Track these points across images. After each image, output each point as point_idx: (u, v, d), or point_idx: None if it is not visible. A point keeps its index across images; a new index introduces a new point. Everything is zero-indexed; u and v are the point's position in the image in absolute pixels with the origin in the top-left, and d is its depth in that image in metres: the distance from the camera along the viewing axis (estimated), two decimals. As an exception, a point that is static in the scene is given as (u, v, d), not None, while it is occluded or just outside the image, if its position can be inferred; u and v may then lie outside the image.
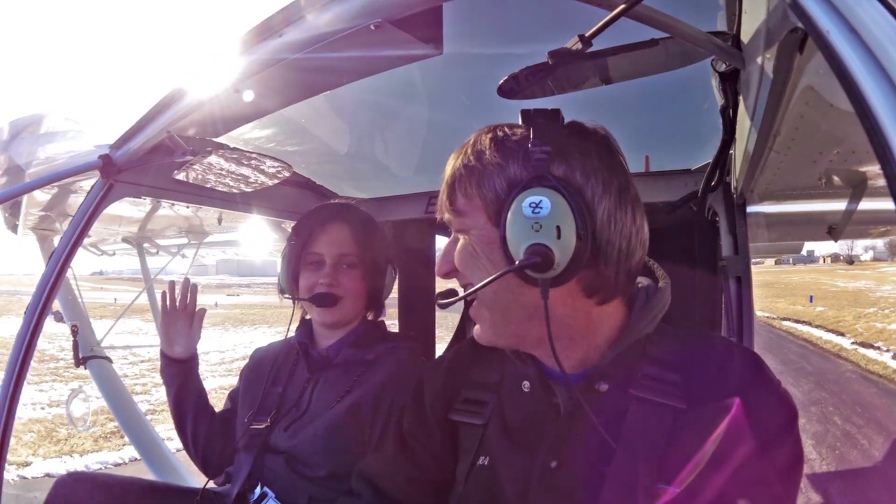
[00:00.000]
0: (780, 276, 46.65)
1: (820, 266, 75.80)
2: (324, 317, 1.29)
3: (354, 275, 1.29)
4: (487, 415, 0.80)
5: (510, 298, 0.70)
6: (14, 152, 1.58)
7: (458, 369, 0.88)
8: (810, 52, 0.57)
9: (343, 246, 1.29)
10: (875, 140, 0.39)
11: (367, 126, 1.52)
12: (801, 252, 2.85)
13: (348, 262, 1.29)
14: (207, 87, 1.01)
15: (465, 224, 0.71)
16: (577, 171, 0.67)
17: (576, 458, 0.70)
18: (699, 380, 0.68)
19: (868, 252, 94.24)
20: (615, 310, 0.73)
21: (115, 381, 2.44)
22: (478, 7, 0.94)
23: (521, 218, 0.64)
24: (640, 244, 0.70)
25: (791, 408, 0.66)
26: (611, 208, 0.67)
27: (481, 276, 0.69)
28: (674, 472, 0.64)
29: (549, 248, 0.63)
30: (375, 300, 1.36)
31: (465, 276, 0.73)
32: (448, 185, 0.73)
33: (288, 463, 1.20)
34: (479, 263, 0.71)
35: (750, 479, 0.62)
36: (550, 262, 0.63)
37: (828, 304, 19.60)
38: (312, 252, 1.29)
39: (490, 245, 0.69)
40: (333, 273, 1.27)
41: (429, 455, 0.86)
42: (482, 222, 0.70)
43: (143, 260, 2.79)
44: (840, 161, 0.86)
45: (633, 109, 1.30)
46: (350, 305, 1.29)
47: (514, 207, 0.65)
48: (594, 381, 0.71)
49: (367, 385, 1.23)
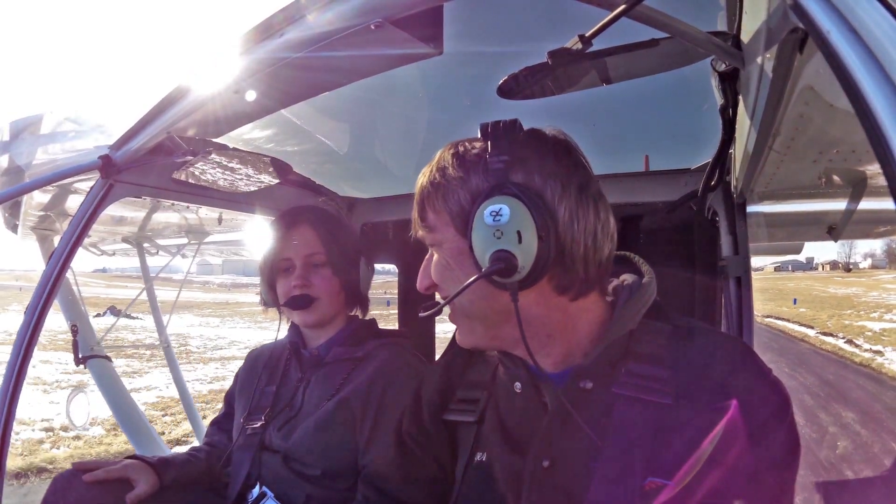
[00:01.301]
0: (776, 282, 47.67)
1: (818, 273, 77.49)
2: (303, 318, 1.30)
3: (325, 273, 1.30)
4: (480, 411, 0.82)
5: (484, 304, 0.72)
6: (14, 152, 1.58)
7: (453, 371, 0.89)
8: (810, 52, 0.57)
9: (309, 246, 1.29)
10: (875, 140, 0.39)
11: (367, 126, 1.52)
12: (801, 252, 2.85)
13: (317, 262, 1.30)
14: (207, 87, 1.01)
15: (436, 238, 0.74)
16: (535, 175, 0.68)
17: (566, 456, 0.70)
18: (686, 373, 0.68)
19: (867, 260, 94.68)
20: (594, 304, 0.74)
21: (115, 381, 2.44)
22: (478, 7, 0.94)
23: (484, 227, 0.66)
24: (607, 238, 0.72)
25: (783, 395, 0.66)
26: (572, 207, 0.68)
27: (456, 286, 0.71)
28: (664, 466, 0.64)
29: (511, 253, 0.65)
30: (354, 295, 1.37)
31: (443, 288, 0.76)
32: (418, 203, 0.76)
33: (284, 462, 1.21)
34: (453, 275, 0.73)
35: (743, 468, 0.62)
36: (514, 267, 0.65)
37: (811, 306, 22.59)
38: (282, 259, 1.30)
39: (460, 256, 0.71)
40: (304, 274, 1.28)
41: (429, 456, 0.88)
42: (451, 235, 0.72)
43: (143, 260, 2.79)
44: (840, 161, 0.87)
45: (633, 109, 1.30)
46: (327, 304, 1.29)
47: (477, 217, 0.67)
48: (579, 380, 0.71)
49: (356, 381, 1.23)
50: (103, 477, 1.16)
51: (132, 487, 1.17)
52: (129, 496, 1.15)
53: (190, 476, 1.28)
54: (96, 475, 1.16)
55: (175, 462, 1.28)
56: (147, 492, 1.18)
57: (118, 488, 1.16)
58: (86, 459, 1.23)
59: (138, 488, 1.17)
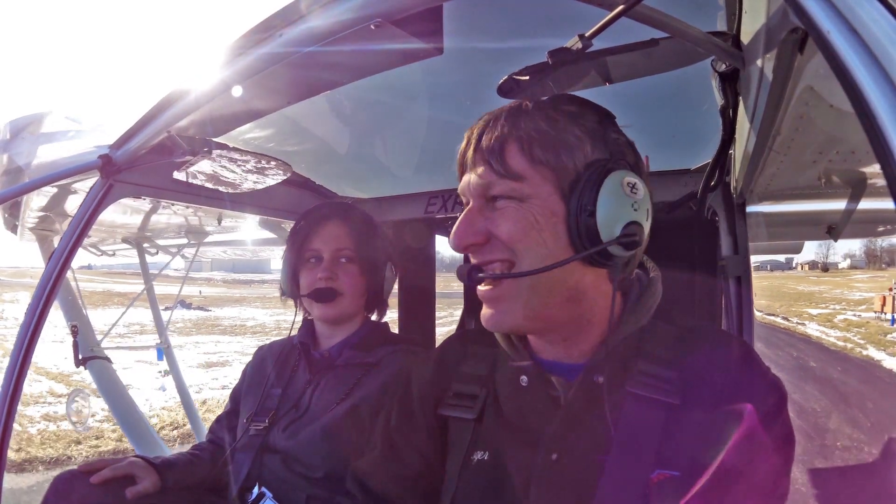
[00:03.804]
0: (749, 281, 50.60)
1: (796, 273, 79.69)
2: (324, 312, 1.29)
3: (352, 270, 1.29)
4: (479, 408, 0.80)
5: (560, 278, 0.67)
6: (14, 152, 1.58)
7: (447, 364, 0.87)
8: (810, 53, 0.57)
9: (340, 241, 1.30)
10: (875, 140, 0.39)
11: (366, 126, 1.52)
12: (801, 251, 2.85)
13: (346, 257, 1.30)
14: (207, 87, 1.00)
15: (524, 191, 0.66)
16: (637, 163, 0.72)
17: (575, 449, 0.70)
18: (691, 374, 0.69)
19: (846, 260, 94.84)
20: (619, 297, 0.74)
21: (115, 382, 2.44)
22: (478, 6, 0.94)
23: (621, 196, 0.65)
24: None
25: (781, 393, 0.67)
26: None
27: (538, 249, 0.66)
28: (672, 459, 0.65)
29: (642, 227, 0.66)
30: (376, 297, 1.36)
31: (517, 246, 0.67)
32: (498, 143, 0.67)
33: (285, 463, 1.20)
34: (540, 235, 0.66)
35: (744, 463, 0.63)
36: (638, 243, 0.66)
37: (772, 299, 25.94)
38: (310, 249, 1.30)
39: (554, 218, 0.66)
40: (331, 267, 1.28)
41: (414, 452, 0.86)
42: (547, 192, 0.66)
43: (143, 260, 2.79)
44: (840, 161, 0.87)
45: (633, 109, 1.29)
46: (349, 301, 1.29)
47: (612, 185, 0.65)
48: (593, 374, 0.71)
49: (367, 388, 1.22)
50: (110, 476, 1.16)
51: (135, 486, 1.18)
52: (129, 490, 1.16)
53: (192, 477, 1.28)
54: (103, 475, 1.16)
55: (178, 463, 1.28)
56: (148, 490, 1.18)
57: (120, 488, 1.16)
58: (91, 460, 1.23)
59: (140, 485, 1.17)
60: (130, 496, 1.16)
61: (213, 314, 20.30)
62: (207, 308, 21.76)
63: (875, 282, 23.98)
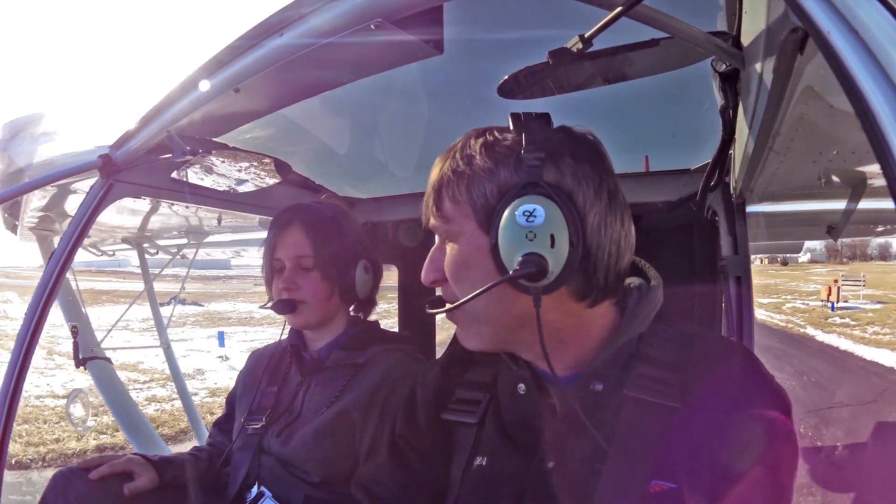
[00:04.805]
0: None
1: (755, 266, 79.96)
2: (291, 321, 1.28)
3: (313, 276, 1.25)
4: (481, 413, 0.80)
5: (500, 308, 0.69)
6: (14, 152, 1.58)
7: (452, 370, 0.87)
8: (810, 53, 0.56)
9: (298, 248, 1.25)
10: (875, 140, 0.39)
11: (366, 125, 1.52)
12: (800, 251, 2.85)
13: (305, 265, 1.26)
14: (207, 87, 1.00)
15: (453, 231, 0.70)
16: (568, 176, 0.66)
17: (572, 457, 0.70)
18: (693, 378, 0.68)
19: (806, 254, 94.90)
20: (606, 310, 0.73)
21: (115, 382, 2.44)
22: (478, 6, 0.94)
23: (515, 226, 0.63)
24: (628, 247, 0.70)
25: (785, 402, 0.66)
26: (601, 213, 0.66)
27: (471, 284, 0.68)
28: (670, 469, 0.64)
29: (543, 257, 0.62)
30: (349, 299, 1.32)
31: (455, 285, 0.71)
32: (434, 190, 0.71)
33: (282, 465, 1.20)
34: (470, 273, 0.69)
35: (745, 473, 0.62)
36: (544, 272, 0.62)
37: None
38: (275, 258, 1.27)
39: (480, 253, 0.68)
40: (291, 277, 1.25)
41: (419, 458, 0.86)
42: (471, 229, 0.68)
43: (142, 260, 2.79)
44: (840, 161, 0.87)
45: (633, 109, 1.30)
46: (313, 308, 1.26)
47: (507, 215, 0.63)
48: (589, 382, 0.71)
49: (357, 389, 1.21)
50: (108, 472, 1.16)
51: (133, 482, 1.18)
52: (126, 486, 1.16)
53: (191, 476, 1.28)
54: (101, 471, 1.16)
55: (176, 461, 1.28)
56: (146, 486, 1.18)
57: (118, 484, 1.17)
58: (89, 458, 1.23)
59: (137, 481, 1.18)
60: (128, 492, 1.16)
61: (209, 308, 19.67)
62: (200, 303, 20.99)
63: (833, 275, 24.32)
